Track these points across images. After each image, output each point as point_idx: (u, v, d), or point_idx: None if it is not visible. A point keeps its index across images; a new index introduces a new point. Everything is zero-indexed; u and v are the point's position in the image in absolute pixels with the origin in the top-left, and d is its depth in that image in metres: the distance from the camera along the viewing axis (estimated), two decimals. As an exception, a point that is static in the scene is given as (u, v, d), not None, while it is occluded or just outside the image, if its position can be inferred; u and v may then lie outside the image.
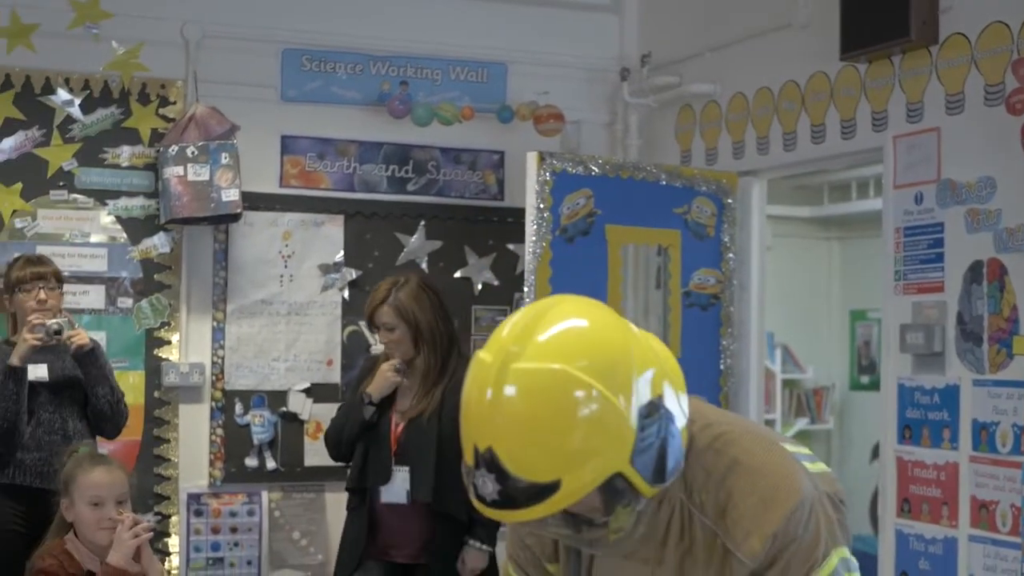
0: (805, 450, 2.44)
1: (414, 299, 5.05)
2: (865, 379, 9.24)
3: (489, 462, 2.08)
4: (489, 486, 2.09)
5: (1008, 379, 4.45)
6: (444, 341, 5.09)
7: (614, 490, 2.12)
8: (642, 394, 2.12)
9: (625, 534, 2.26)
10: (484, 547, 5.09)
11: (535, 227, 5.24)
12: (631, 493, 2.14)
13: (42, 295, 5.04)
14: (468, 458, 2.11)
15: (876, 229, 8.15)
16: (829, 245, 9.70)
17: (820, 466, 2.44)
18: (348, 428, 5.07)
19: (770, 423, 9.68)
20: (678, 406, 2.19)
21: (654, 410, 2.13)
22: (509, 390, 2.08)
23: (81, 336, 5.05)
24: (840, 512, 2.37)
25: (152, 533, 4.32)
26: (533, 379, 2.08)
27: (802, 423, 9.73)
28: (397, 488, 5.02)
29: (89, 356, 5.08)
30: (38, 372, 5.02)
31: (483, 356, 2.17)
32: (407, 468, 5.00)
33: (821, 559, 2.26)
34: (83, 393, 5.11)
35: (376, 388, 5.03)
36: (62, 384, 5.08)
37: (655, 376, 2.15)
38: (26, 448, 5.00)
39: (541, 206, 5.24)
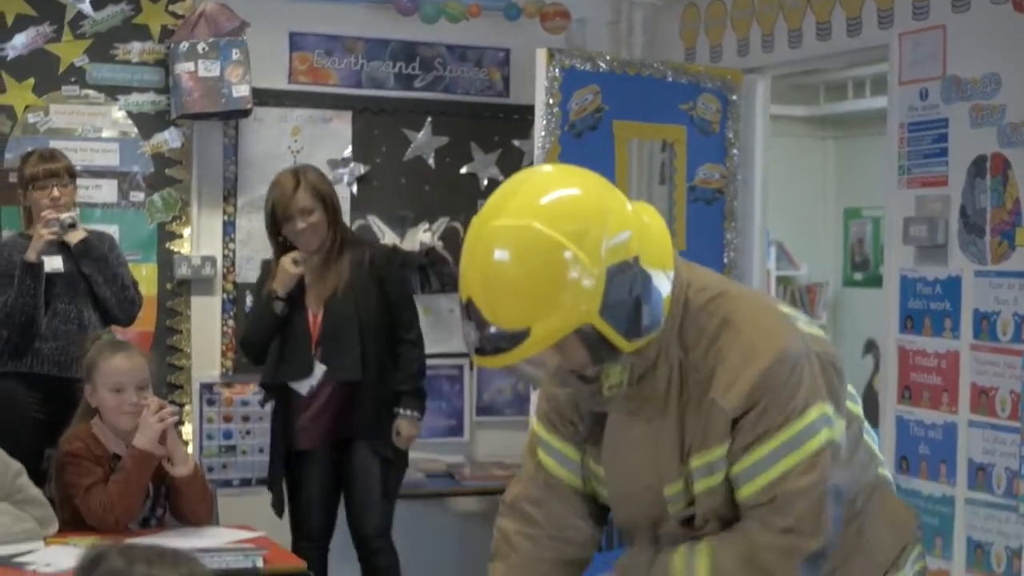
0: (802, 315, 2.55)
1: (321, 179, 5.26)
2: (858, 276, 9.36)
3: (469, 312, 2.28)
4: (472, 335, 2.29)
5: (1010, 270, 4.57)
6: (341, 217, 5.27)
7: (591, 343, 2.29)
8: (613, 253, 2.26)
9: (620, 391, 2.41)
10: (415, 415, 5.27)
11: (544, 123, 5.32)
12: (608, 347, 2.30)
13: (55, 192, 5.11)
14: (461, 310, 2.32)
15: (872, 128, 8.27)
16: (825, 144, 9.77)
17: (816, 330, 2.53)
18: (262, 328, 5.17)
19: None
20: (661, 271, 2.34)
21: (626, 269, 2.27)
22: (485, 246, 2.28)
23: (79, 231, 5.14)
24: (830, 374, 2.45)
25: (176, 418, 4.44)
26: (505, 235, 2.26)
27: (795, 321, 9.85)
28: (311, 380, 5.16)
29: (89, 255, 5.15)
30: (53, 264, 5.10)
31: (474, 218, 2.36)
32: (324, 366, 5.13)
33: (799, 410, 2.36)
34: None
35: (280, 283, 5.12)
36: (77, 276, 5.16)
37: (631, 239, 2.29)
38: (43, 338, 5.10)
39: (550, 102, 5.32)
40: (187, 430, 5.94)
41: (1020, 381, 4.48)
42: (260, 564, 3.97)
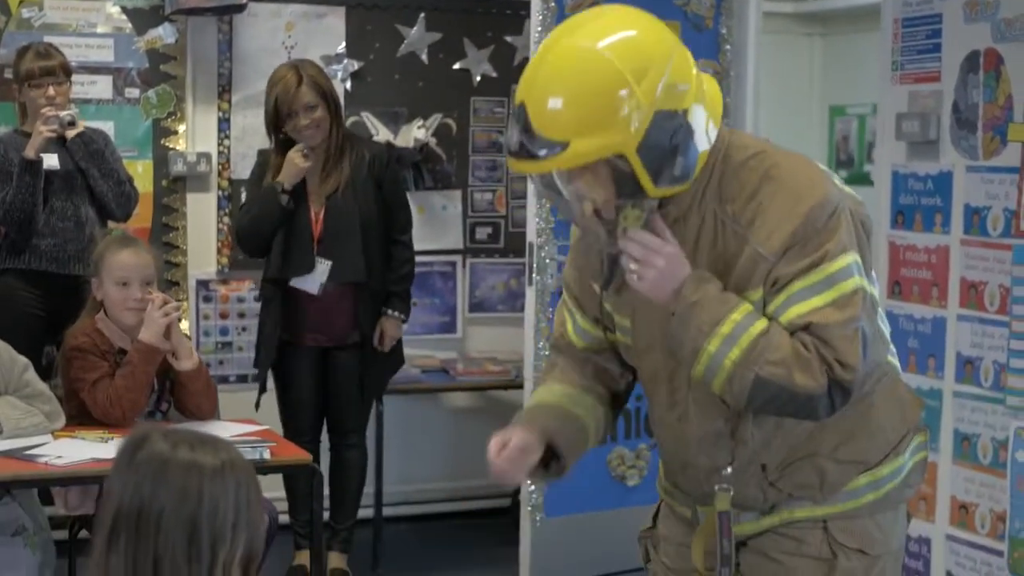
0: (837, 177, 2.64)
1: (322, 74, 5.32)
2: (843, 173, 9.40)
3: (519, 115, 2.43)
4: (515, 137, 2.44)
5: (1001, 165, 4.62)
6: (342, 115, 5.36)
7: (620, 176, 2.43)
8: (666, 100, 2.40)
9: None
10: (400, 316, 5.40)
11: (540, 18, 5.32)
12: (634, 184, 2.43)
13: (51, 91, 5.11)
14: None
15: (859, 24, 8.29)
16: (811, 41, 9.77)
17: (850, 191, 2.63)
18: (266, 221, 5.19)
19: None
20: (704, 130, 2.47)
21: (673, 117, 2.42)
22: (552, 59, 2.44)
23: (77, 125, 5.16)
24: (860, 231, 2.56)
25: (180, 313, 4.50)
26: (573, 53, 2.42)
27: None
28: (315, 278, 5.23)
29: (86, 149, 5.17)
30: (50, 161, 5.13)
31: (548, 36, 2.50)
32: (329, 261, 5.20)
33: (836, 252, 2.47)
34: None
35: (287, 175, 5.16)
36: (73, 172, 5.18)
37: (687, 92, 2.44)
38: (40, 235, 5.13)
39: (548, -4, 5.33)
40: (183, 326, 5.97)
41: (1009, 276, 4.55)
42: (268, 456, 4.05)
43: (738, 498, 2.67)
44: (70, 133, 5.10)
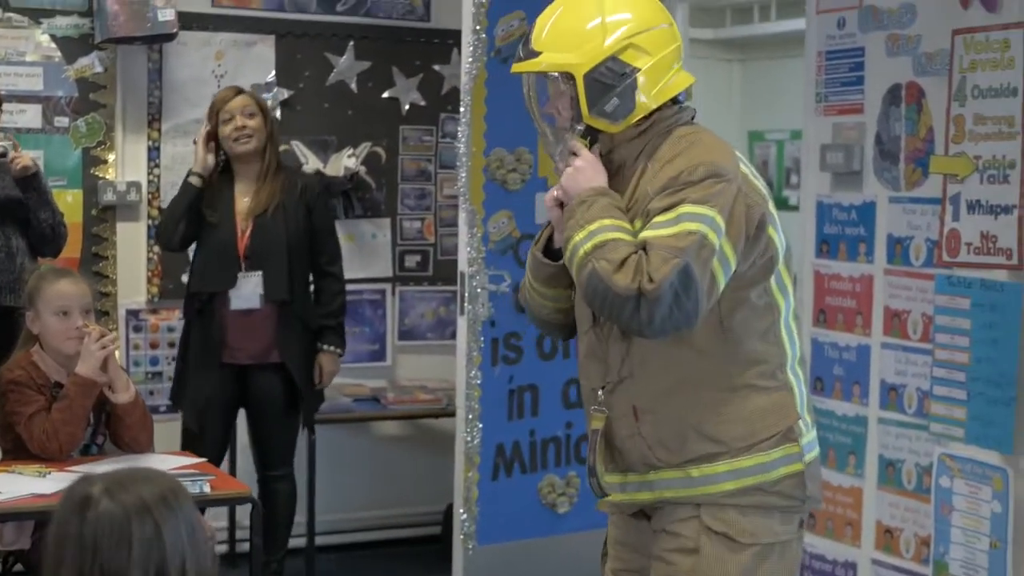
0: (755, 172, 3.01)
1: (263, 99, 5.51)
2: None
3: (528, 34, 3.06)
4: (521, 53, 3.03)
5: (923, 196, 4.74)
6: (278, 140, 5.48)
7: (571, 95, 2.94)
8: (624, 52, 2.93)
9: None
10: (337, 350, 5.49)
11: (471, 49, 5.37)
12: (578, 107, 2.94)
13: None
14: None
15: (778, 51, 8.43)
16: (730, 66, 9.91)
17: (760, 185, 2.98)
18: (177, 205, 5.33)
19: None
20: (649, 94, 2.95)
21: (623, 66, 2.93)
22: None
23: (24, 159, 5.12)
24: (740, 209, 2.87)
25: (117, 345, 4.50)
26: None
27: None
28: (249, 292, 5.31)
29: (32, 180, 5.14)
30: None
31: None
32: (259, 272, 5.28)
33: (699, 201, 2.82)
34: (24, 213, 5.17)
35: (199, 162, 5.31)
36: (3, 204, 5.14)
37: (648, 59, 2.95)
38: None
39: (477, 28, 5.38)
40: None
41: (932, 305, 4.66)
42: (207, 490, 4.06)
43: (623, 456, 3.02)
44: (22, 161, 5.04)
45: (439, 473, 6.09)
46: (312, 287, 5.50)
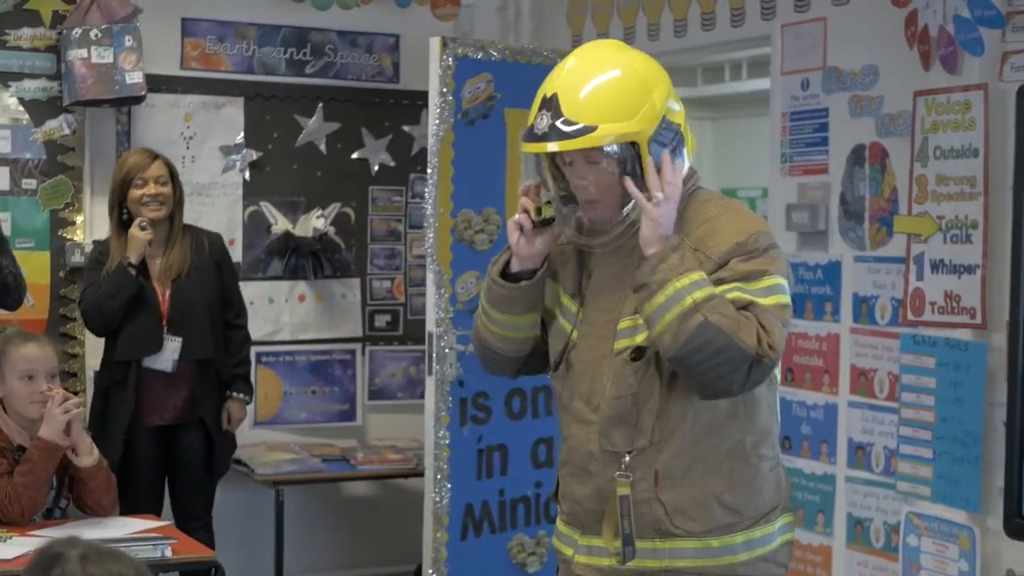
0: None
1: (173, 164, 5.52)
2: (736, 254, 9.55)
3: (551, 103, 2.87)
4: (545, 121, 2.86)
5: (887, 255, 4.76)
6: (183, 203, 5.51)
7: (628, 161, 2.86)
8: (669, 112, 2.90)
9: (615, 231, 2.95)
10: (246, 398, 5.57)
11: (438, 111, 5.40)
12: (636, 173, 2.86)
13: None
14: (535, 106, 2.92)
15: (749, 109, 8.47)
16: (702, 125, 9.96)
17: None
18: (118, 296, 5.26)
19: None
20: (687, 151, 2.96)
21: (672, 127, 2.90)
22: (580, 61, 2.93)
23: None
24: (789, 272, 2.99)
25: (81, 409, 4.48)
26: (602, 56, 2.94)
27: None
28: (166, 356, 5.35)
29: None
30: None
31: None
32: (179, 338, 5.33)
33: (777, 273, 2.88)
34: None
35: (132, 249, 5.29)
36: None
37: (680, 114, 2.95)
38: None
39: (444, 90, 5.41)
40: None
41: (897, 363, 4.68)
42: (169, 554, 4.05)
43: (635, 525, 2.93)
44: None
45: (409, 533, 6.07)
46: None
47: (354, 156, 6.48)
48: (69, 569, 1.98)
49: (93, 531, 4.21)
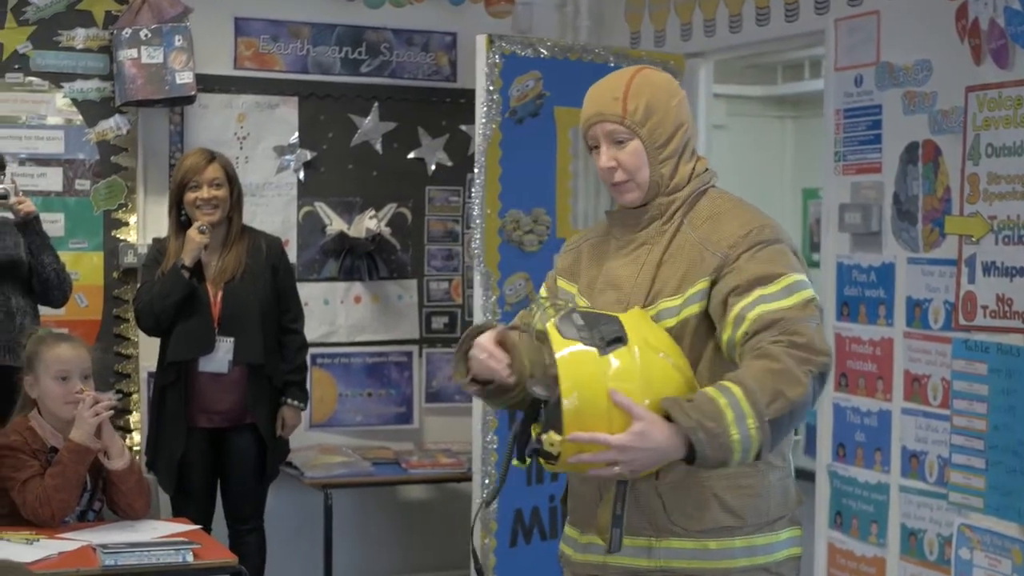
0: None
1: (231, 163, 5.44)
2: (817, 256, 9.37)
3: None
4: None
5: (940, 257, 4.59)
6: (243, 205, 5.44)
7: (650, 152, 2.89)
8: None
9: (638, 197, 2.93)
10: (300, 405, 5.48)
11: (485, 109, 5.31)
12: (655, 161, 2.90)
13: None
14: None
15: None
16: (783, 124, 9.79)
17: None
18: (170, 298, 5.22)
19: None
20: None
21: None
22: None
23: (28, 203, 5.09)
24: (803, 264, 2.87)
25: (113, 411, 4.45)
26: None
27: (755, 299, 9.87)
28: (220, 357, 5.29)
29: (34, 224, 5.11)
30: None
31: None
32: (232, 338, 5.27)
33: (792, 270, 2.79)
34: (25, 271, 5.13)
35: (187, 252, 5.24)
36: (4, 264, 5.09)
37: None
38: None
39: (491, 88, 5.32)
40: (135, 418, 5.94)
41: (950, 369, 4.51)
42: (190, 559, 3.99)
43: (630, 519, 2.82)
44: (24, 209, 5.03)
45: (460, 538, 5.99)
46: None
47: (410, 156, 6.41)
48: None
49: (122, 534, 4.19)
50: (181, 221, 5.31)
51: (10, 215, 5.07)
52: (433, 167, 6.43)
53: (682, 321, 2.83)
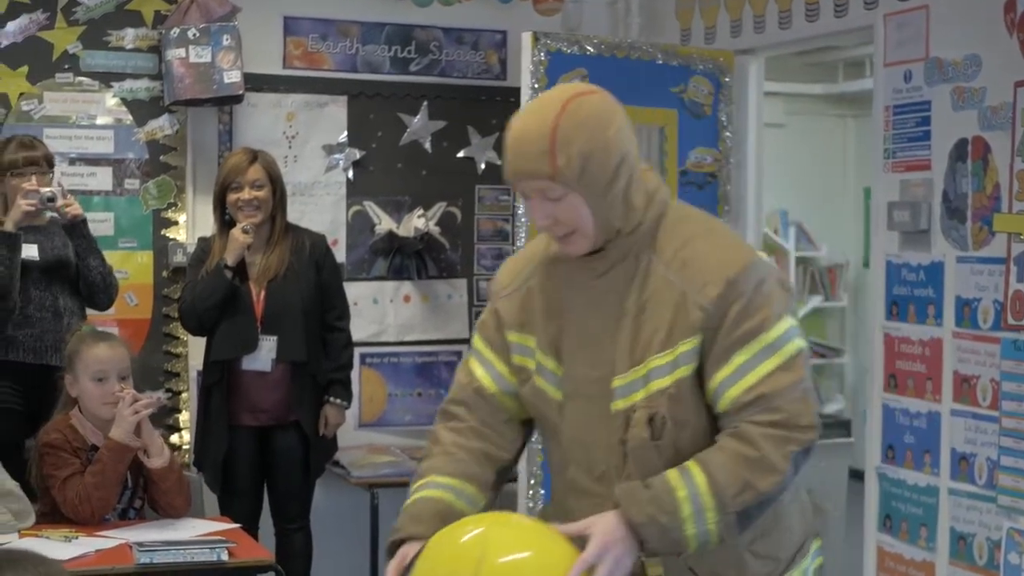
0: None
1: (275, 163, 5.42)
2: (877, 256, 9.26)
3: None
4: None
5: (989, 256, 4.50)
6: (287, 203, 5.41)
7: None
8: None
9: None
10: (343, 403, 5.46)
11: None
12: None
13: (34, 181, 5.07)
14: None
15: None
16: (844, 122, 9.68)
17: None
18: (212, 297, 5.22)
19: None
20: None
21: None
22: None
23: (75, 206, 5.14)
24: (790, 298, 2.66)
25: (151, 409, 4.45)
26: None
27: (816, 301, 9.80)
28: (263, 356, 5.28)
29: (81, 227, 5.16)
30: (29, 252, 5.08)
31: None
32: (275, 337, 5.26)
33: (775, 317, 2.57)
34: (72, 272, 5.18)
35: (230, 252, 5.23)
36: (52, 264, 5.14)
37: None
38: (17, 325, 5.07)
39: (536, 86, 5.28)
40: (184, 417, 5.96)
41: (999, 370, 4.42)
42: (225, 557, 3.99)
43: None
44: (72, 212, 5.07)
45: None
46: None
47: (460, 155, 6.39)
48: None
49: (160, 532, 4.20)
50: (225, 220, 5.31)
51: (57, 216, 5.11)
52: (483, 166, 6.41)
53: (676, 382, 2.58)
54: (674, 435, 2.60)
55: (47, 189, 5.05)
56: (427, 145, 6.32)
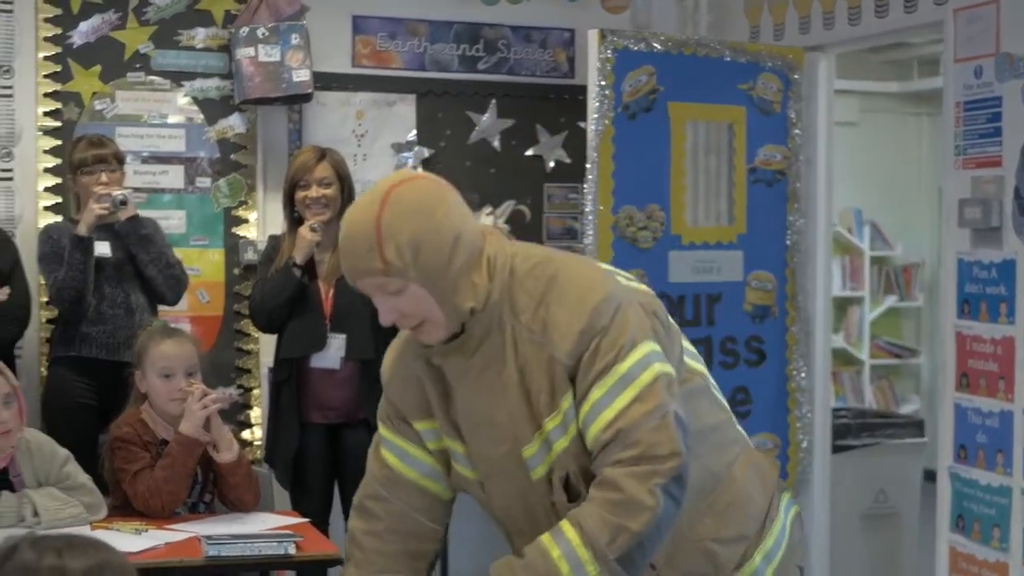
0: (623, 272, 2.69)
1: (343, 161, 5.40)
2: (952, 255, 9.16)
3: None
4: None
5: (1062, 253, 4.46)
6: (353, 199, 5.33)
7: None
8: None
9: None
10: None
11: (597, 104, 5.28)
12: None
13: (104, 179, 5.15)
14: None
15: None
16: (919, 120, 9.61)
17: (638, 285, 2.68)
18: (281, 295, 5.23)
19: (858, 301, 9.68)
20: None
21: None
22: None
23: (130, 208, 5.18)
24: (652, 320, 2.59)
25: (221, 405, 4.49)
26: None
27: (891, 300, 9.73)
28: (332, 354, 5.27)
29: (136, 233, 5.19)
30: (101, 249, 5.15)
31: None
32: (343, 335, 5.24)
33: (629, 346, 2.49)
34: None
35: (299, 251, 5.22)
36: (124, 260, 5.21)
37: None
38: (90, 321, 5.14)
39: (603, 83, 5.28)
40: (256, 413, 6.00)
41: (1072, 368, 4.37)
42: (292, 551, 4.01)
43: None
44: (123, 214, 5.14)
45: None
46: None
47: (528, 153, 6.39)
48: (21, 559, 1.92)
49: (229, 526, 4.23)
50: (294, 218, 5.34)
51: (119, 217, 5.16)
52: (552, 164, 6.40)
53: (572, 439, 2.54)
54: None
55: (119, 192, 5.11)
56: (495, 143, 6.33)
